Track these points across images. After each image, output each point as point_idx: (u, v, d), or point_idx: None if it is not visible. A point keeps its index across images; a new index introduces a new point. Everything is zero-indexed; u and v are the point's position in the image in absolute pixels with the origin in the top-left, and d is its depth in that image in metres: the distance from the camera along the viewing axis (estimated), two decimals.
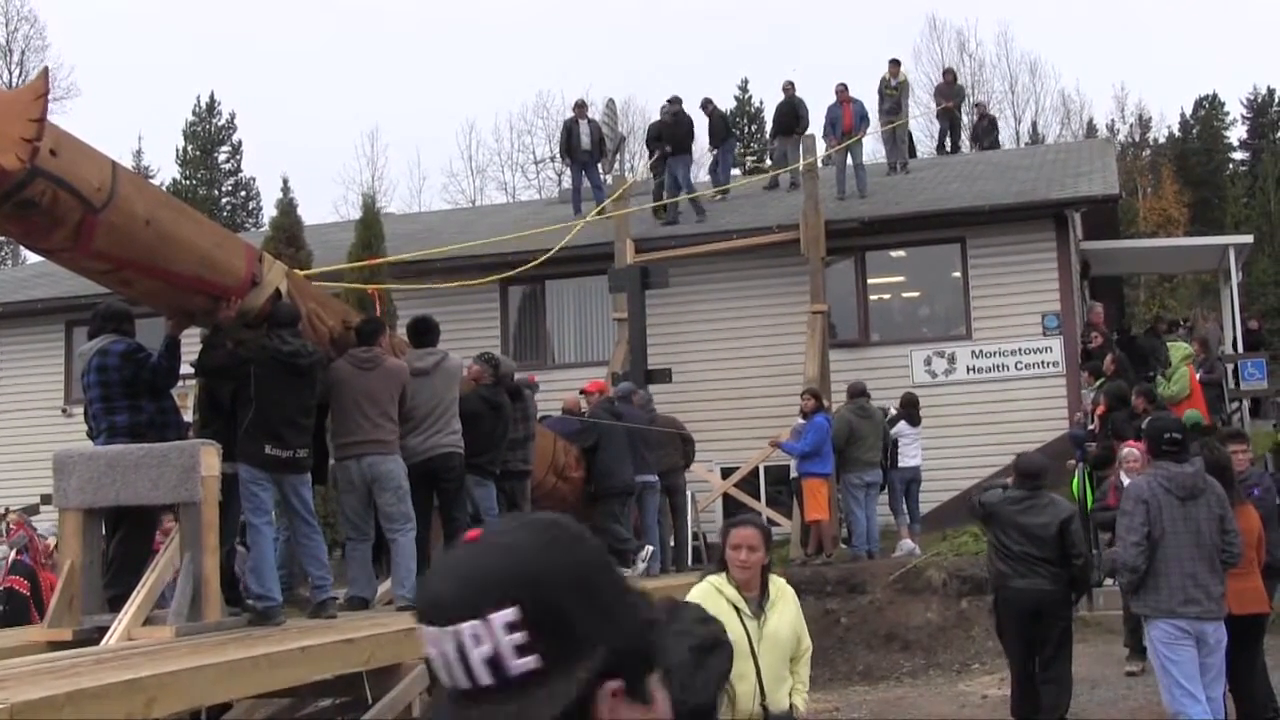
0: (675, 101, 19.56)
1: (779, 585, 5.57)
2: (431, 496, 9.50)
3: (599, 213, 17.89)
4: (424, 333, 9.68)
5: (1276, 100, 54.61)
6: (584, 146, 19.83)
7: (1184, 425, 7.80)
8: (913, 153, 23.21)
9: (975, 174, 19.99)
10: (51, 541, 12.25)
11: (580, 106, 20.48)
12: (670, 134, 19.22)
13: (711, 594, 5.34)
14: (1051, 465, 9.84)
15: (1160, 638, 7.22)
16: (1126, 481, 9.40)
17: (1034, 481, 8.83)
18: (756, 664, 5.29)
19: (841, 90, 19.43)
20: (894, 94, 20.65)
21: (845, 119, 19.09)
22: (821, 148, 19.06)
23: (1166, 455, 7.36)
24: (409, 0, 73.81)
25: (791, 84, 19.51)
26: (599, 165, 20.19)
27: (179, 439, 7.79)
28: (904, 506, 15.05)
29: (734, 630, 5.19)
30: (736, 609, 5.35)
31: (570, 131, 20.20)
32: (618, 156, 23.46)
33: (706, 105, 21.11)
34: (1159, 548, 7.19)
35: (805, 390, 14.67)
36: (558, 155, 20.97)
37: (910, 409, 15.06)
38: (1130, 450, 9.54)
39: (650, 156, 20.31)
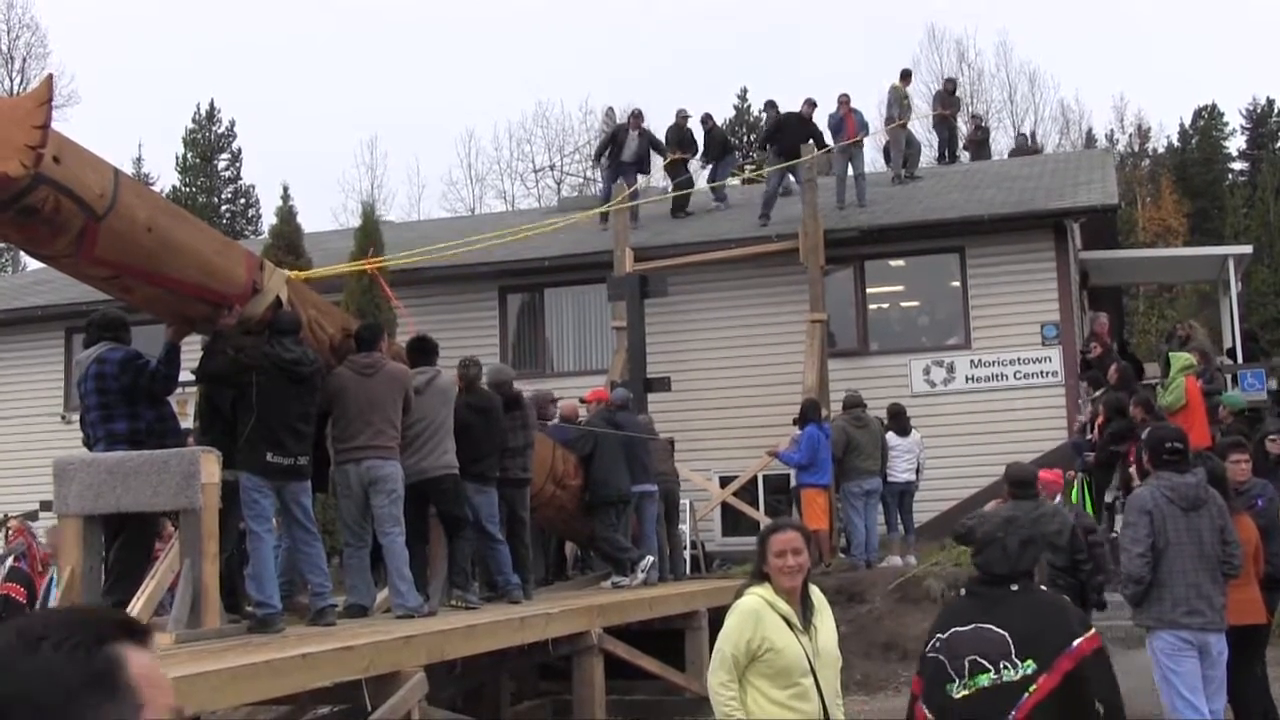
0: (810, 104, 19.33)
1: (817, 594, 5.11)
2: (426, 512, 9.52)
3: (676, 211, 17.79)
4: (421, 352, 9.70)
5: (1276, 111, 54.68)
6: (625, 158, 19.79)
7: (1184, 435, 7.78)
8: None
9: (974, 183, 20.01)
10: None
11: (636, 117, 20.38)
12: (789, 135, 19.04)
13: (763, 611, 4.88)
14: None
15: (1163, 649, 7.21)
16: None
17: (1030, 489, 8.85)
18: (817, 683, 4.85)
19: (844, 99, 19.43)
20: (907, 102, 20.84)
21: (848, 127, 19.10)
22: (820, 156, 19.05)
23: (1168, 465, 7.35)
24: (409, 8, 73.91)
25: (813, 103, 19.34)
26: (638, 177, 20.10)
27: (178, 446, 7.79)
28: (897, 520, 15.04)
29: (792, 650, 4.85)
30: (790, 624, 4.89)
31: (615, 136, 20.11)
32: (600, 161, 23.45)
33: (706, 121, 21.17)
34: (1162, 559, 7.19)
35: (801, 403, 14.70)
36: (593, 159, 20.76)
37: (897, 419, 15.00)
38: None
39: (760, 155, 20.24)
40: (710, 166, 21.30)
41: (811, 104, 19.08)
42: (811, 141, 18.18)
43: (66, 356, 19.93)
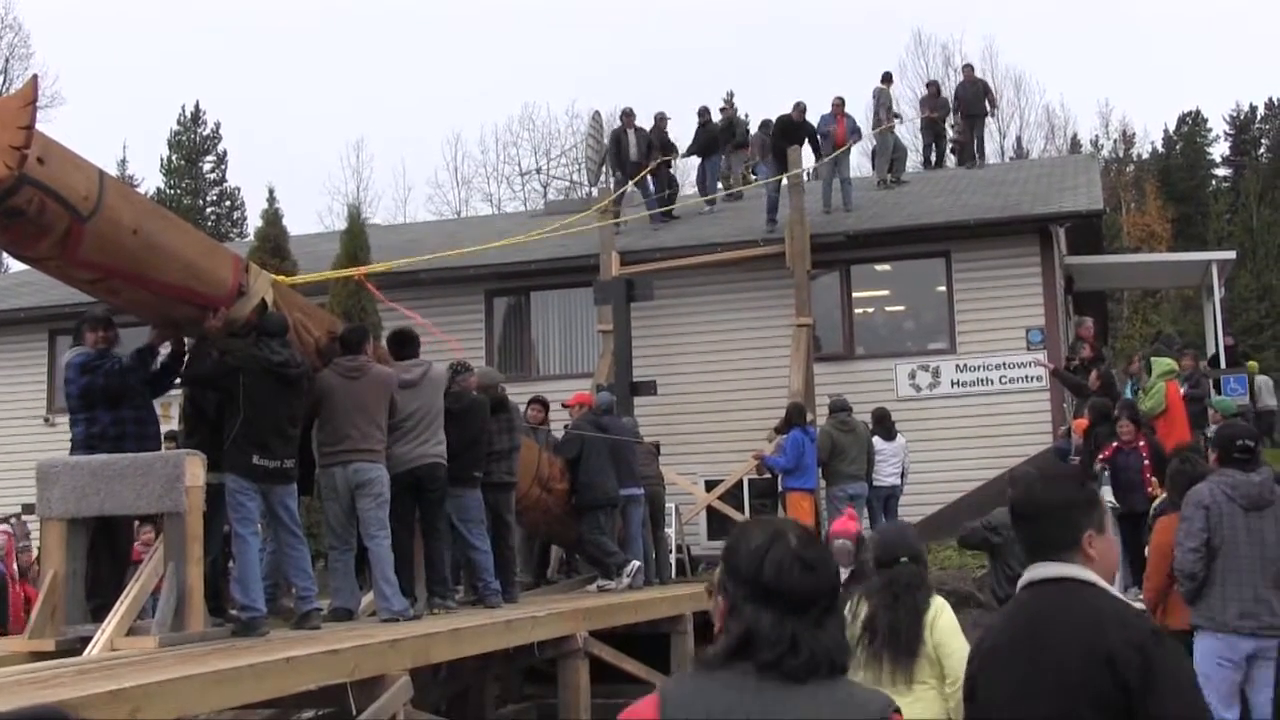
0: (800, 107, 19.06)
1: None
2: (415, 505, 9.49)
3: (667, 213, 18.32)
4: (405, 344, 9.70)
5: (1259, 117, 55.03)
6: (632, 157, 19.78)
7: (1256, 434, 7.68)
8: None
9: (960, 188, 20.05)
10: (33, 552, 12.20)
11: (628, 116, 20.29)
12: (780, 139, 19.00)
13: None
14: None
15: (1203, 652, 6.94)
16: None
17: None
18: None
19: (838, 104, 19.43)
20: (892, 105, 20.95)
21: (838, 132, 19.11)
22: (810, 159, 19.06)
23: (1236, 463, 7.09)
24: (395, 11, 73.86)
25: (803, 106, 19.26)
26: (647, 174, 20.08)
27: (139, 450, 7.70)
28: (882, 524, 15.04)
29: None
30: None
31: (619, 141, 20.09)
32: (603, 169, 23.46)
33: (703, 114, 21.27)
34: (1217, 557, 6.92)
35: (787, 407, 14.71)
36: (607, 166, 20.62)
37: (882, 423, 15.01)
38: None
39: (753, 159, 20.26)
40: (699, 162, 21.34)
41: (801, 107, 19.05)
42: (806, 144, 18.23)
43: (50, 359, 19.84)
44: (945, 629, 5.27)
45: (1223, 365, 19.32)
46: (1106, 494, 12.30)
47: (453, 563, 10.12)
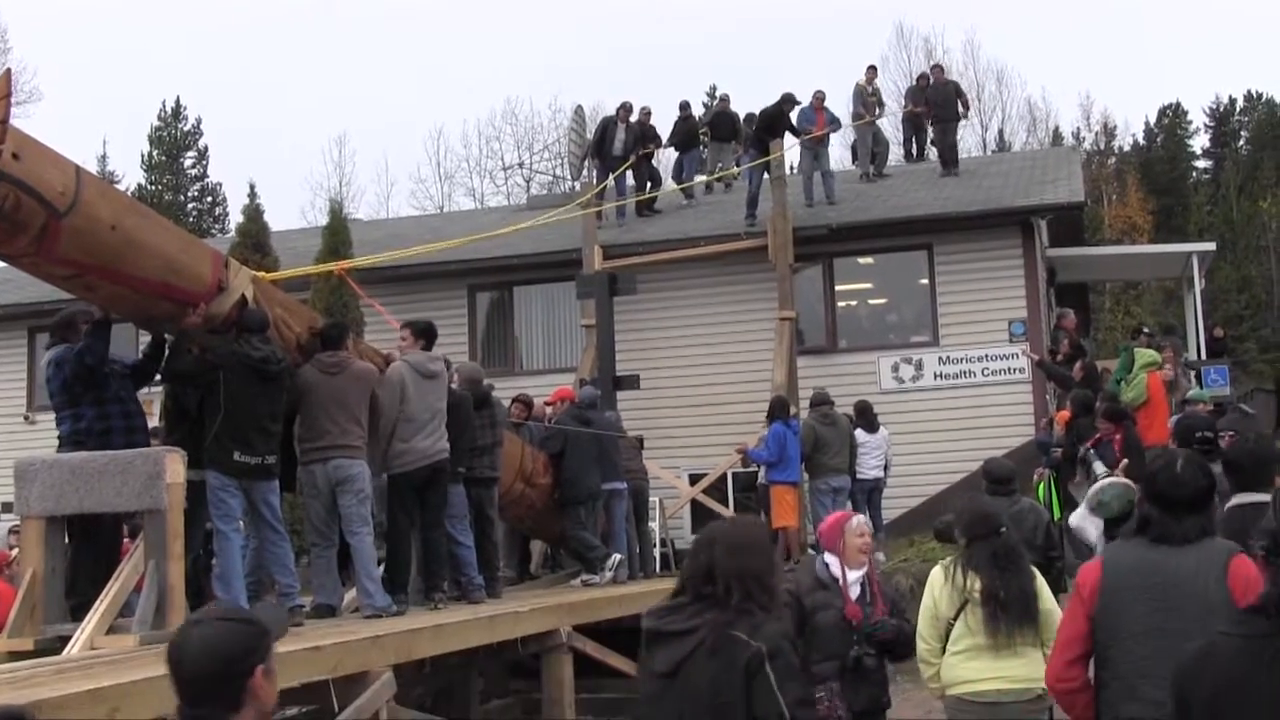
0: (788, 100, 18.91)
1: None
2: (419, 500, 9.49)
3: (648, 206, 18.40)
4: (428, 335, 9.83)
5: (1238, 109, 55.25)
6: (615, 151, 19.70)
7: (1215, 425, 7.79)
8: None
9: (942, 181, 20.07)
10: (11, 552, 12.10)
11: (625, 109, 20.20)
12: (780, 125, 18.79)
13: None
14: (1019, 471, 9.85)
15: None
16: None
17: (1008, 486, 8.84)
18: None
19: (819, 96, 19.41)
20: (873, 99, 20.88)
21: (817, 124, 19.09)
22: (793, 151, 19.05)
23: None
24: (378, 5, 73.62)
25: (791, 97, 19.12)
26: (629, 170, 19.99)
27: (128, 445, 7.66)
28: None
29: None
30: None
31: (605, 130, 20.00)
32: (585, 162, 23.42)
33: (684, 108, 21.26)
34: None
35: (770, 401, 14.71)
36: (588, 155, 20.46)
37: (864, 416, 15.01)
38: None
39: (742, 149, 20.21)
40: (676, 156, 21.31)
41: (789, 100, 18.97)
42: (787, 135, 18.22)
43: (30, 356, 19.72)
44: (1048, 595, 5.83)
45: (1203, 356, 19.40)
46: (1100, 468, 12.23)
47: None
